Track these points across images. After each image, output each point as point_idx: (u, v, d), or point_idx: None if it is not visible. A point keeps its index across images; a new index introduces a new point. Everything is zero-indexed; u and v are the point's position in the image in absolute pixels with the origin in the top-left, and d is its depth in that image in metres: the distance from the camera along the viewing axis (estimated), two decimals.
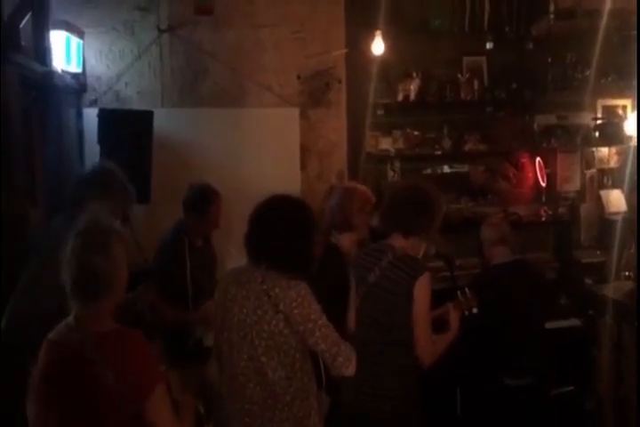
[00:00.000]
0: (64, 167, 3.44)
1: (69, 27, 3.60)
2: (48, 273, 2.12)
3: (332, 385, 2.48)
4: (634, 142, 4.22)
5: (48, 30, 3.35)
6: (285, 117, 4.22)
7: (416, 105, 4.34)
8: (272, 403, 2.01)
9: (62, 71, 3.54)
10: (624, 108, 4.60)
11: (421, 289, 2.35)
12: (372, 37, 3.93)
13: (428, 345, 2.37)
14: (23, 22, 3.03)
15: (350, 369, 2.03)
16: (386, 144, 4.34)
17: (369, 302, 2.46)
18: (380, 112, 4.30)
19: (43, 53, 3.29)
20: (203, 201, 3.09)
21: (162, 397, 1.65)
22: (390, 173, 4.40)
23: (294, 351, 1.99)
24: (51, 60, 3.36)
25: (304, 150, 4.29)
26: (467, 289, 2.54)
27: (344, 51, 4.22)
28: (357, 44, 4.13)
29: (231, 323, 2.04)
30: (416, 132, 4.36)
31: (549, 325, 3.27)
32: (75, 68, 3.72)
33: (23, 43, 3.03)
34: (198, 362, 2.95)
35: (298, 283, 2.01)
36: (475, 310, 2.54)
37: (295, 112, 4.24)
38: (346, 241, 2.91)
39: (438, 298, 2.53)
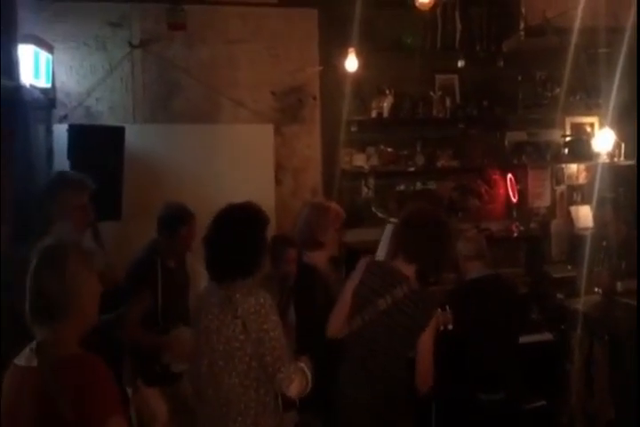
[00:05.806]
0: (33, 184, 3.35)
1: (38, 41, 3.52)
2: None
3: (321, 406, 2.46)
4: (602, 159, 4.31)
5: (16, 44, 3.29)
6: (260, 134, 4.20)
7: (389, 122, 4.37)
8: (226, 411, 2.04)
9: (31, 86, 3.47)
10: (592, 125, 4.71)
11: (433, 324, 2.40)
12: (345, 55, 3.95)
13: (429, 374, 2.40)
14: None
15: (291, 389, 2.05)
16: (360, 161, 4.35)
17: (374, 328, 2.44)
18: (353, 129, 4.32)
19: (10, 68, 3.21)
20: (176, 221, 3.00)
21: None
22: (364, 190, 4.41)
23: (249, 359, 2.01)
24: (18, 75, 3.29)
25: (278, 167, 4.28)
26: (447, 307, 2.58)
27: (319, 68, 4.24)
28: (331, 61, 4.16)
29: (199, 329, 2.11)
30: (390, 149, 4.38)
31: (522, 339, 3.29)
32: (44, 83, 3.64)
33: None
34: (170, 383, 2.91)
35: (260, 291, 2.06)
36: (450, 327, 2.57)
37: (269, 128, 4.23)
38: (318, 259, 2.90)
39: None
